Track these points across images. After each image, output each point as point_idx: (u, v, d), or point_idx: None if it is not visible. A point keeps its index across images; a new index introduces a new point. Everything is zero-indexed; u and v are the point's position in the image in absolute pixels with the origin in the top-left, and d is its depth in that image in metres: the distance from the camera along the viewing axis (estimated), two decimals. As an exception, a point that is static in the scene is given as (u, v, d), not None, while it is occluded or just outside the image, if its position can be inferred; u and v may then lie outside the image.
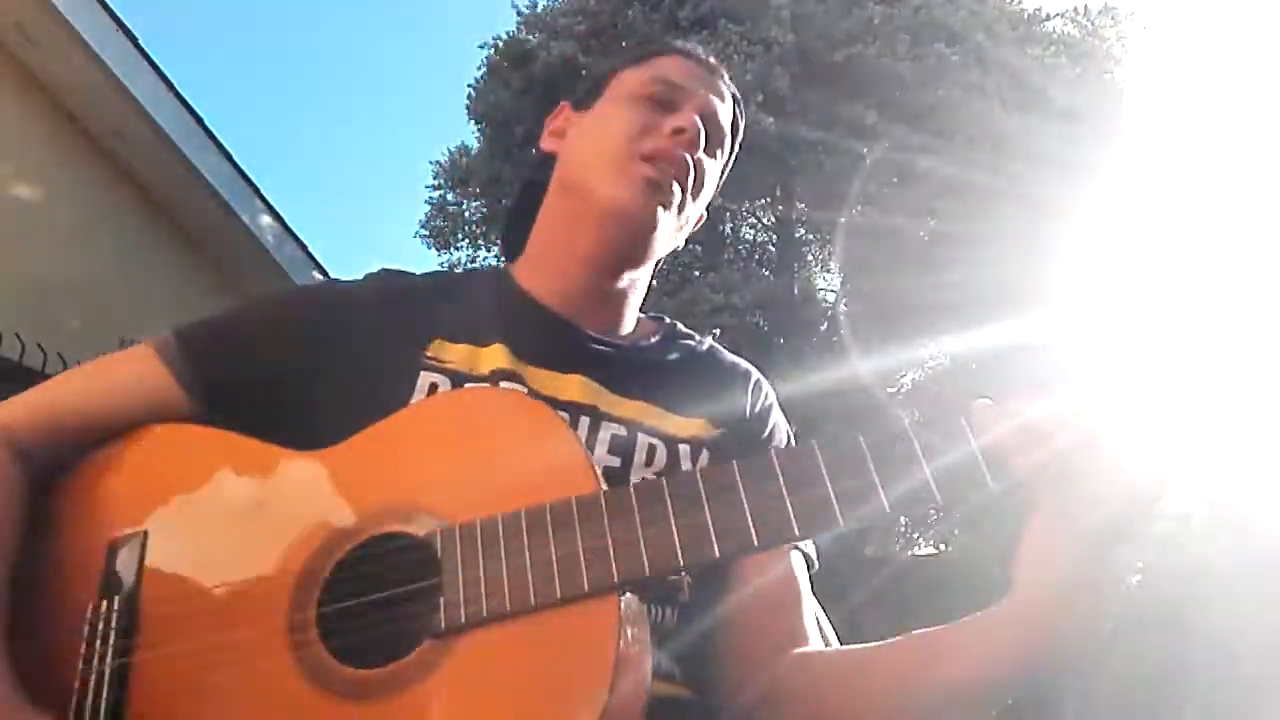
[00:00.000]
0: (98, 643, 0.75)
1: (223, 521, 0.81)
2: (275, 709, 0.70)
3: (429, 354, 0.89)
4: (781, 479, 0.66)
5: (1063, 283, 6.33)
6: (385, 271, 1.00)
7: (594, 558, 0.65)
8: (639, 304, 1.03)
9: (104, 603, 0.77)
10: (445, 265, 10.15)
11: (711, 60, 1.02)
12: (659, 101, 0.95)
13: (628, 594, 0.66)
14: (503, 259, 1.09)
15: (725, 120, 1.00)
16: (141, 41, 4.28)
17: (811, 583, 0.93)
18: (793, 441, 1.00)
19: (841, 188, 8.08)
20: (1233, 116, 7.64)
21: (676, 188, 0.92)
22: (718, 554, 0.64)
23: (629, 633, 0.64)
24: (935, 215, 8.01)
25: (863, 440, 0.66)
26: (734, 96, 1.03)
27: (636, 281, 1.00)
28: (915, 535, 11.23)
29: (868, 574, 8.14)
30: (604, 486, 0.69)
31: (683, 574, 0.85)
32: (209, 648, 0.74)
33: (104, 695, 0.73)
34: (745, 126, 1.06)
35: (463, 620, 0.66)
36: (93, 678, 0.74)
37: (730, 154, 1.04)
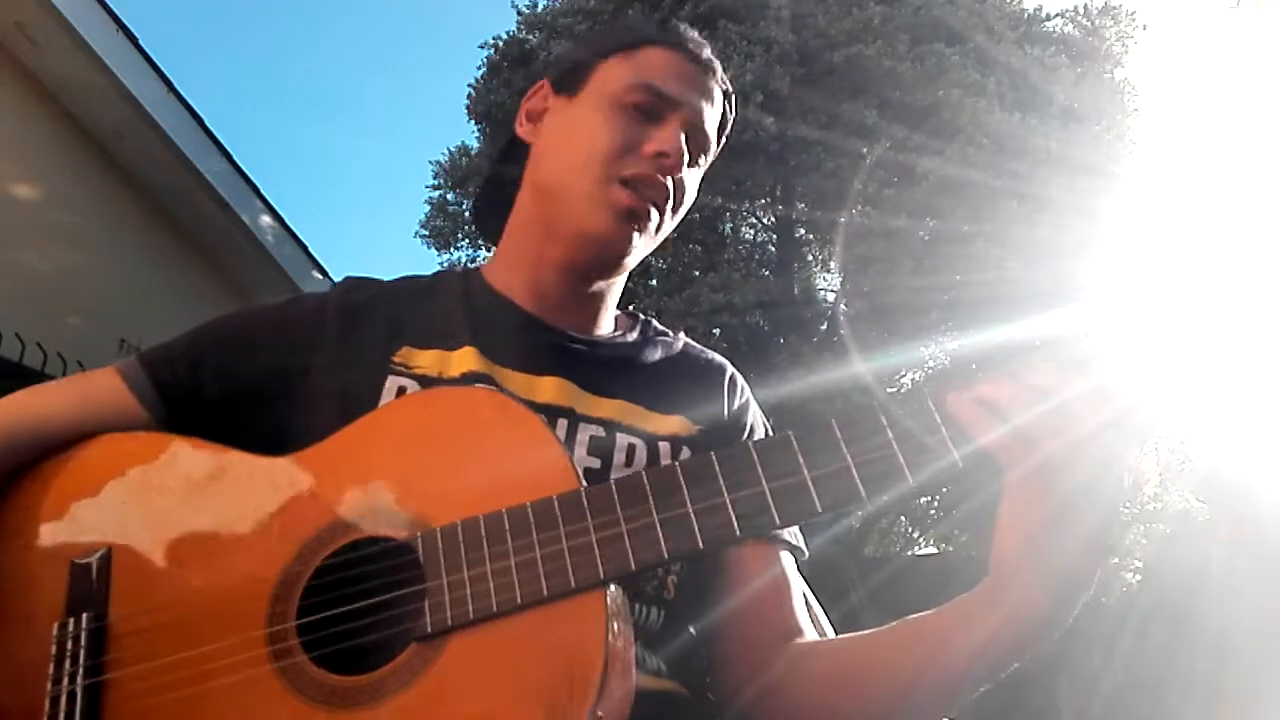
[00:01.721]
0: (67, 662, 0.73)
1: (190, 530, 0.78)
2: None
3: (396, 360, 0.88)
4: (760, 467, 0.66)
5: (1062, 282, 6.33)
6: (350, 280, 0.99)
7: (579, 554, 0.65)
8: (615, 302, 1.01)
9: (71, 621, 0.75)
10: (445, 265, 10.14)
11: (705, 55, 0.95)
12: (644, 111, 0.91)
13: (613, 588, 0.65)
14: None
15: (712, 126, 0.96)
16: (141, 41, 4.29)
17: (807, 579, 0.93)
18: (771, 434, 1.00)
19: (841, 188, 8.07)
20: (1234, 116, 7.63)
21: (654, 212, 0.90)
22: (700, 545, 0.65)
23: (615, 626, 0.64)
24: (935, 215, 8.01)
25: (835, 424, 0.67)
26: (725, 93, 0.98)
27: (612, 285, 0.98)
28: (916, 535, 11.23)
29: (868, 574, 8.14)
30: (584, 484, 0.69)
31: (668, 567, 0.85)
32: (185, 662, 0.71)
33: (76, 715, 0.70)
34: (741, 124, 1.04)
35: (449, 623, 0.66)
36: (63, 698, 0.71)
37: (716, 151, 1.01)
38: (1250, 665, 7.90)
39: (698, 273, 9.12)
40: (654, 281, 9.20)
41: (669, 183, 0.90)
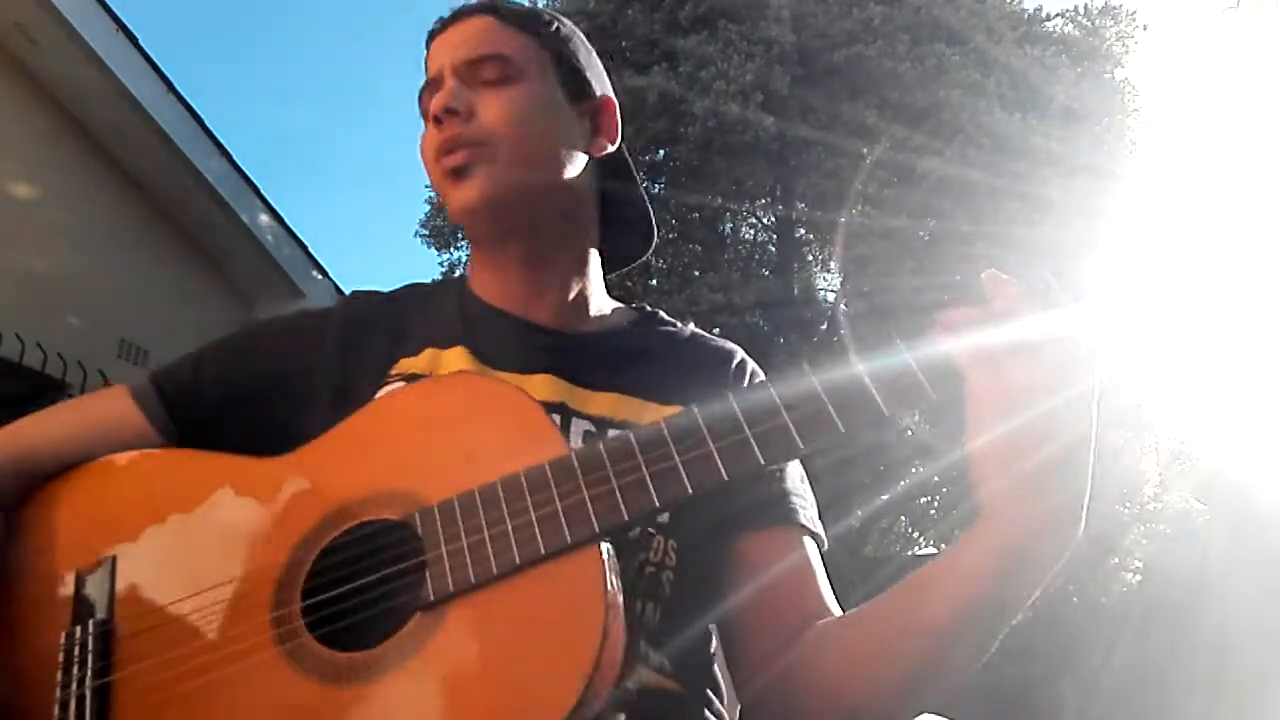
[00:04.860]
0: (75, 667, 0.75)
1: (193, 533, 0.81)
2: (267, 704, 0.70)
3: (393, 373, 0.91)
4: (740, 416, 0.69)
5: (1062, 283, 6.32)
6: (354, 294, 1.03)
7: (573, 512, 0.68)
8: (592, 285, 1.00)
9: (77, 628, 0.77)
10: (445, 265, 10.15)
11: (451, 13, 0.98)
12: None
13: (606, 544, 0.68)
14: None
15: (480, 46, 0.94)
16: (141, 41, 4.29)
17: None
18: None
19: (841, 188, 8.08)
20: (1234, 115, 7.63)
21: (460, 153, 0.90)
22: (689, 491, 0.68)
23: (612, 580, 0.66)
24: (935, 215, 8.01)
25: (806, 367, 0.71)
26: (490, 6, 0.97)
27: (568, 261, 0.98)
28: (915, 535, 11.24)
29: (868, 574, 8.14)
30: (573, 448, 0.71)
31: (663, 564, 0.85)
32: (191, 655, 0.73)
33: (86, 714, 0.73)
34: (741, 124, 1.04)
35: (450, 588, 0.68)
36: (73, 701, 0.74)
37: (540, 39, 0.98)
38: (1250, 664, 7.91)
39: (698, 273, 9.13)
40: (654, 281, 9.21)
41: (455, 123, 0.91)
